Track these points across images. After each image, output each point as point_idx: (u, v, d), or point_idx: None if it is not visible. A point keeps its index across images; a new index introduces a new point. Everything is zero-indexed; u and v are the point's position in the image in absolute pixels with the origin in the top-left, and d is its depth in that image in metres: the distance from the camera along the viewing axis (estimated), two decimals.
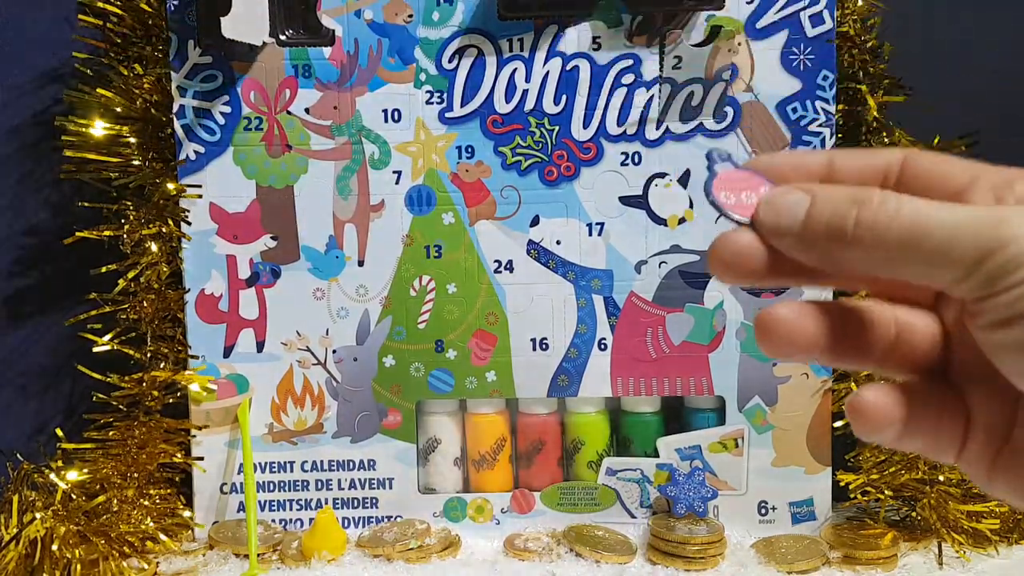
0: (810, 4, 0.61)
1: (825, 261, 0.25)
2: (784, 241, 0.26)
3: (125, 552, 0.58)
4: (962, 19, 0.68)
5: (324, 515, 0.61)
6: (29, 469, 0.59)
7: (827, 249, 0.25)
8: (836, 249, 0.25)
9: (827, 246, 0.25)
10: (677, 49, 0.62)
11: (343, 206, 0.64)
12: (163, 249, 0.63)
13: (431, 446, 0.66)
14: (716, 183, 0.28)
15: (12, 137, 0.70)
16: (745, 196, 0.27)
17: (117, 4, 0.63)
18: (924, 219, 0.24)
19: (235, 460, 0.65)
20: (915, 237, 0.24)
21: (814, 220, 0.25)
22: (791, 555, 0.60)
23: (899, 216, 0.24)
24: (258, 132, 0.63)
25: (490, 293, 0.64)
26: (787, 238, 0.26)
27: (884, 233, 0.24)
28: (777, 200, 0.26)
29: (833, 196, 0.25)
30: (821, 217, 0.25)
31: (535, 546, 0.62)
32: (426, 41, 0.62)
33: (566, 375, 0.64)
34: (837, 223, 0.25)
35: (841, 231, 0.25)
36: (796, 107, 0.62)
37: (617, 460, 0.65)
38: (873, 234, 0.24)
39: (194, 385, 0.63)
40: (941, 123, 0.64)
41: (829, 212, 0.25)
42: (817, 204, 0.25)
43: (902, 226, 0.24)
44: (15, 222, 0.70)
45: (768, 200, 0.26)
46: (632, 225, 0.63)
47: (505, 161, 0.63)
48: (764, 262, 0.26)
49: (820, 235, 0.25)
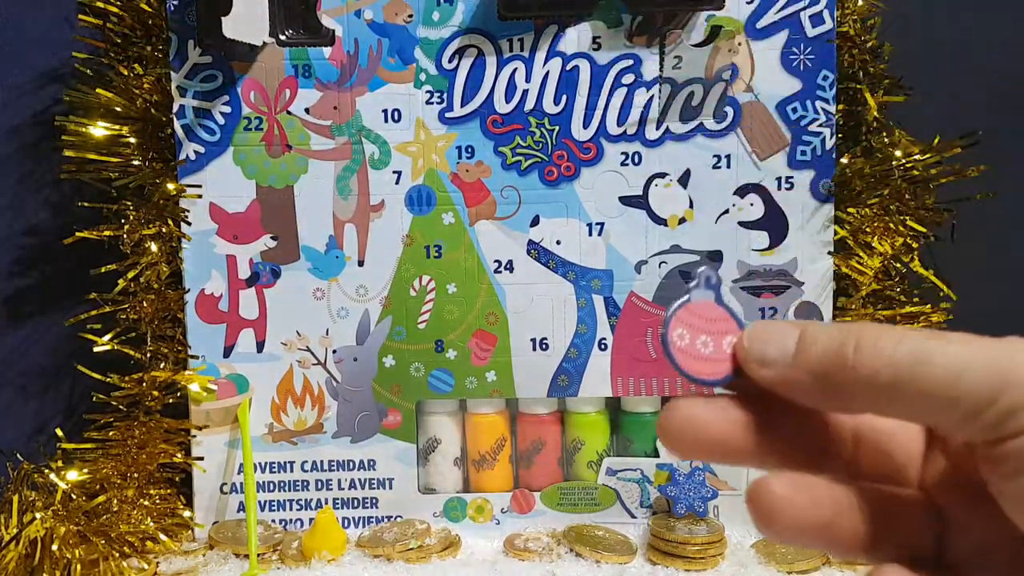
0: (810, 4, 0.61)
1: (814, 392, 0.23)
2: (770, 372, 0.24)
3: (125, 552, 0.58)
4: (962, 19, 0.68)
5: (324, 515, 0.61)
6: (29, 469, 0.59)
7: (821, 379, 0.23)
8: (831, 377, 0.23)
9: (822, 375, 0.23)
10: (677, 49, 0.62)
11: (343, 206, 0.64)
12: (163, 249, 0.63)
13: (431, 446, 0.66)
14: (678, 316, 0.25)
15: (12, 137, 0.70)
16: (702, 343, 0.25)
17: (117, 4, 0.63)
18: (929, 351, 0.22)
19: (235, 460, 0.65)
20: (919, 368, 0.22)
21: (808, 347, 0.23)
22: (791, 555, 0.60)
23: (902, 344, 0.22)
24: (258, 132, 0.63)
25: (490, 293, 0.64)
26: (775, 369, 0.24)
27: (887, 361, 0.22)
28: (765, 331, 0.24)
29: (824, 328, 0.24)
30: (815, 344, 0.23)
31: (535, 546, 0.62)
32: (426, 41, 0.62)
33: (566, 375, 0.64)
34: (835, 349, 0.23)
35: (841, 358, 0.23)
36: (796, 107, 0.62)
37: (617, 460, 0.65)
38: (877, 362, 0.22)
39: (194, 385, 0.63)
40: (941, 123, 0.64)
41: (824, 340, 0.23)
42: (808, 334, 0.24)
43: (904, 356, 0.22)
44: (15, 222, 0.70)
45: (754, 329, 0.24)
46: (632, 225, 0.63)
47: (505, 161, 0.63)
48: (722, 435, 0.24)
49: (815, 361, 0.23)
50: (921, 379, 0.22)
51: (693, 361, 0.24)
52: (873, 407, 0.23)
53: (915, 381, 0.22)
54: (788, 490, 0.24)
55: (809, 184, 0.62)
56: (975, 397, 0.21)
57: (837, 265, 0.62)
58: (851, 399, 0.23)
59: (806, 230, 0.63)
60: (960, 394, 0.21)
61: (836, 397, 0.23)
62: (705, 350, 0.25)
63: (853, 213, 0.62)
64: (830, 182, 0.62)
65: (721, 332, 0.25)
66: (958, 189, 0.62)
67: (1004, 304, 0.69)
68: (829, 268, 0.63)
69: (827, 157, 0.62)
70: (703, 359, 0.25)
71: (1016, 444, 0.21)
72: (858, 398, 0.23)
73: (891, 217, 0.62)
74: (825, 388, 0.23)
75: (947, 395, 0.21)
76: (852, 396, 0.23)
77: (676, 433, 0.25)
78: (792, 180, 0.62)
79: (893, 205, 0.62)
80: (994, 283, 0.69)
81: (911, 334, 0.23)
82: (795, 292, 0.63)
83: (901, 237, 0.61)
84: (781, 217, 0.63)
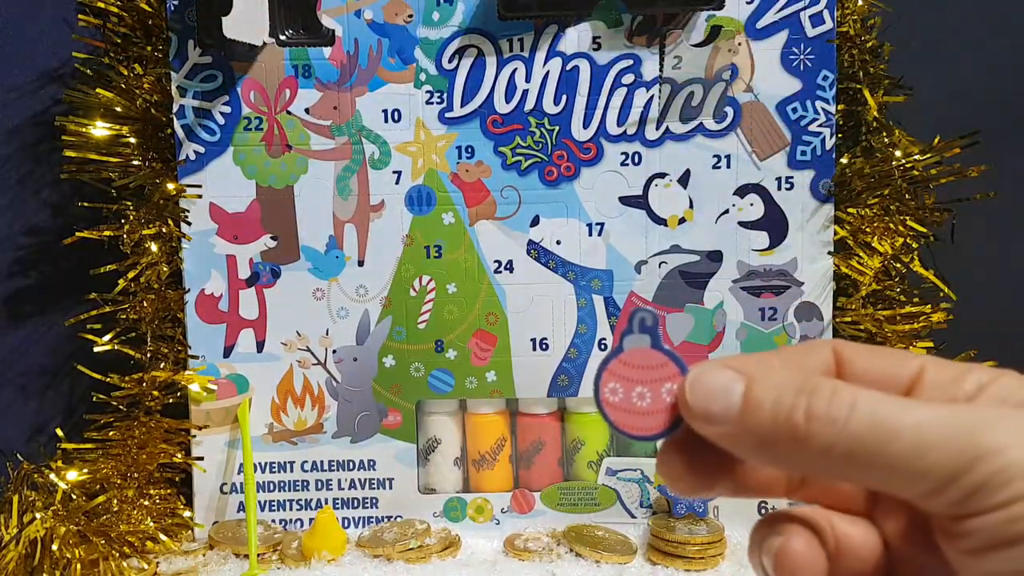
0: (810, 4, 0.61)
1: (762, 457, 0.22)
2: (717, 430, 0.22)
3: (125, 552, 0.58)
4: (962, 19, 0.68)
5: (324, 515, 0.61)
6: (29, 469, 0.59)
7: (771, 445, 0.21)
8: (782, 446, 0.21)
9: (772, 442, 0.21)
10: (677, 49, 0.62)
11: (343, 206, 0.64)
12: (163, 249, 0.63)
13: (431, 446, 0.66)
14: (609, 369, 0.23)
15: (12, 137, 0.70)
16: (637, 395, 0.23)
17: (117, 4, 0.63)
18: (887, 418, 0.20)
19: (235, 460, 0.65)
20: (879, 439, 0.20)
21: (754, 409, 0.21)
22: None
23: (856, 411, 0.20)
24: (258, 132, 0.63)
25: (490, 293, 0.64)
26: (720, 427, 0.22)
27: (841, 431, 0.20)
28: (705, 380, 0.22)
29: (773, 380, 0.21)
30: (763, 405, 0.21)
31: (535, 546, 0.62)
32: (426, 41, 0.62)
33: (566, 375, 0.64)
34: (784, 415, 0.21)
35: (791, 426, 0.21)
36: (796, 107, 0.62)
37: (617, 460, 0.65)
38: (831, 431, 0.20)
39: (194, 385, 0.63)
40: (941, 123, 0.64)
41: (772, 400, 0.21)
42: (755, 390, 0.21)
43: (861, 424, 0.20)
44: (15, 222, 0.70)
45: (694, 380, 0.22)
46: (632, 225, 0.63)
47: (505, 161, 0.63)
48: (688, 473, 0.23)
49: (763, 427, 0.21)
50: (881, 454, 0.20)
51: (628, 416, 0.23)
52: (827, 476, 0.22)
53: (874, 456, 0.20)
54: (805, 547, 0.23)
55: (809, 184, 0.62)
56: (938, 474, 0.20)
57: (837, 265, 0.62)
58: (803, 467, 0.22)
59: (806, 230, 0.63)
60: (922, 471, 0.20)
61: (786, 464, 0.22)
62: (641, 403, 0.23)
63: (853, 213, 0.62)
64: (830, 182, 0.62)
65: (659, 379, 0.23)
66: (958, 189, 0.62)
67: (1004, 304, 0.69)
68: (829, 268, 0.63)
69: (827, 157, 0.62)
70: (639, 413, 0.23)
71: (979, 522, 0.20)
72: (811, 467, 0.21)
73: (891, 217, 0.62)
74: (774, 455, 0.21)
75: (908, 471, 0.20)
76: (804, 465, 0.21)
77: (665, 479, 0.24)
78: (792, 180, 0.62)
79: (893, 205, 0.62)
80: (994, 283, 0.69)
81: (865, 397, 0.21)
82: (795, 292, 0.63)
83: (901, 237, 0.61)
84: (781, 217, 0.63)
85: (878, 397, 0.21)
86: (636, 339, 0.23)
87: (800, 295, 0.63)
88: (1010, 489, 0.19)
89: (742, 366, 0.22)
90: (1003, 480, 0.19)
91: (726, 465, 0.23)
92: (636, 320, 0.23)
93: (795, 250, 0.63)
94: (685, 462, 0.23)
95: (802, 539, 0.23)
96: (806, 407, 0.21)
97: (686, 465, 0.23)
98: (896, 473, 0.20)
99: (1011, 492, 0.19)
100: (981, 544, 0.20)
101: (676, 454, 0.23)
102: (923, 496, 0.20)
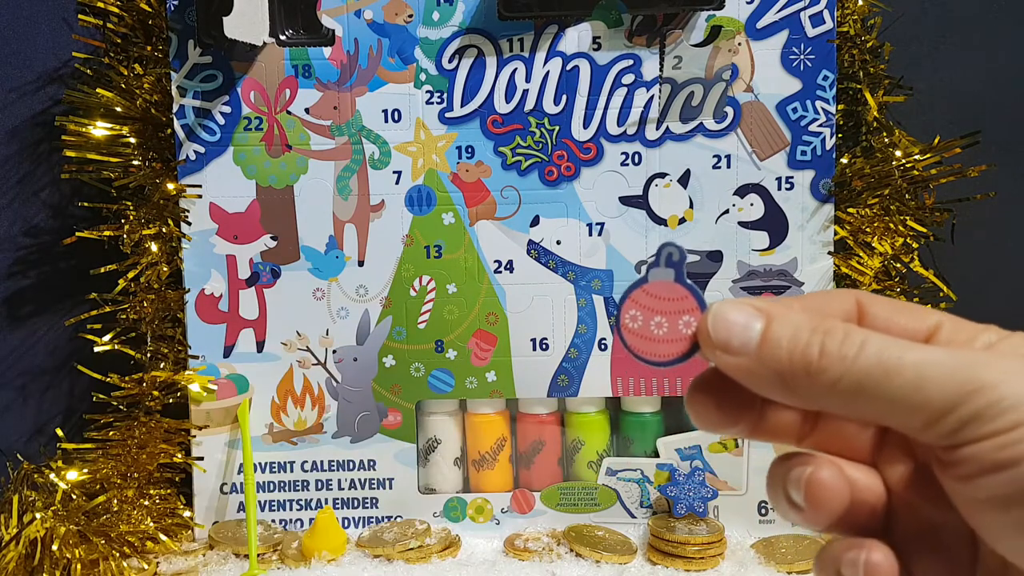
0: (810, 4, 0.61)
1: (775, 390, 0.23)
2: (734, 363, 0.23)
3: (125, 552, 0.58)
4: (962, 19, 0.68)
5: (324, 515, 0.61)
6: (29, 469, 0.59)
7: (785, 379, 0.23)
8: (795, 379, 0.23)
9: (786, 375, 0.23)
10: (677, 49, 0.62)
11: (343, 206, 0.64)
12: (163, 249, 0.63)
13: (431, 446, 0.66)
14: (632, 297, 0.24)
15: (12, 138, 0.70)
16: (655, 324, 0.24)
17: (117, 4, 0.63)
18: (891, 356, 0.22)
19: (235, 460, 0.65)
20: (884, 374, 0.22)
21: (771, 344, 0.23)
22: (791, 555, 0.60)
23: (865, 349, 0.22)
24: (258, 132, 0.63)
25: (490, 293, 0.64)
26: (738, 359, 0.23)
27: (851, 366, 0.22)
28: (727, 314, 0.23)
29: (791, 319, 0.23)
30: (780, 342, 0.23)
31: (535, 546, 0.62)
32: (426, 41, 0.62)
33: (566, 375, 0.64)
34: (800, 351, 0.23)
35: (805, 361, 0.23)
36: (796, 107, 0.62)
37: (617, 460, 0.65)
38: (840, 367, 0.22)
39: (194, 385, 0.63)
40: (941, 123, 0.64)
41: (789, 337, 0.23)
42: (774, 327, 0.23)
43: (868, 361, 0.22)
44: (15, 222, 0.70)
45: (716, 313, 0.24)
46: (632, 225, 0.63)
47: (505, 161, 0.63)
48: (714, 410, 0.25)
49: (779, 362, 0.23)
50: (885, 387, 0.22)
51: (644, 343, 0.24)
52: (834, 409, 0.23)
53: (878, 388, 0.22)
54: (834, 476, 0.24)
55: (809, 184, 0.62)
56: (935, 406, 0.22)
57: (837, 265, 0.62)
58: (813, 400, 0.23)
59: (806, 230, 0.63)
60: (921, 402, 0.22)
61: (797, 397, 0.23)
62: (659, 331, 0.24)
63: (853, 213, 0.62)
64: (830, 182, 0.62)
65: (679, 312, 0.24)
66: (958, 189, 0.62)
67: (1004, 304, 0.69)
68: (829, 268, 0.63)
69: (827, 157, 0.62)
70: (656, 340, 0.24)
71: (969, 451, 0.21)
72: (820, 400, 0.23)
73: (891, 217, 0.62)
74: (786, 388, 0.23)
75: (909, 403, 0.22)
76: (814, 398, 0.23)
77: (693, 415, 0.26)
78: (792, 180, 0.62)
79: (893, 205, 0.62)
80: (994, 283, 0.69)
81: (874, 338, 0.23)
82: (795, 292, 0.63)
83: (901, 237, 0.62)
84: (781, 217, 0.63)
85: (886, 339, 0.22)
86: (661, 272, 0.24)
87: (800, 295, 0.63)
88: (1001, 420, 0.21)
89: (763, 305, 0.24)
90: (995, 412, 0.21)
91: (746, 405, 0.25)
92: (663, 254, 0.24)
93: (795, 250, 0.63)
94: (712, 400, 0.25)
95: (830, 469, 0.24)
96: (820, 344, 0.22)
97: (713, 403, 0.25)
98: (897, 405, 0.22)
99: (1001, 422, 0.21)
100: (972, 471, 0.21)
101: (703, 393, 0.25)
102: (921, 427, 0.22)
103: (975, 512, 0.22)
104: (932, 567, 0.24)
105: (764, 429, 0.25)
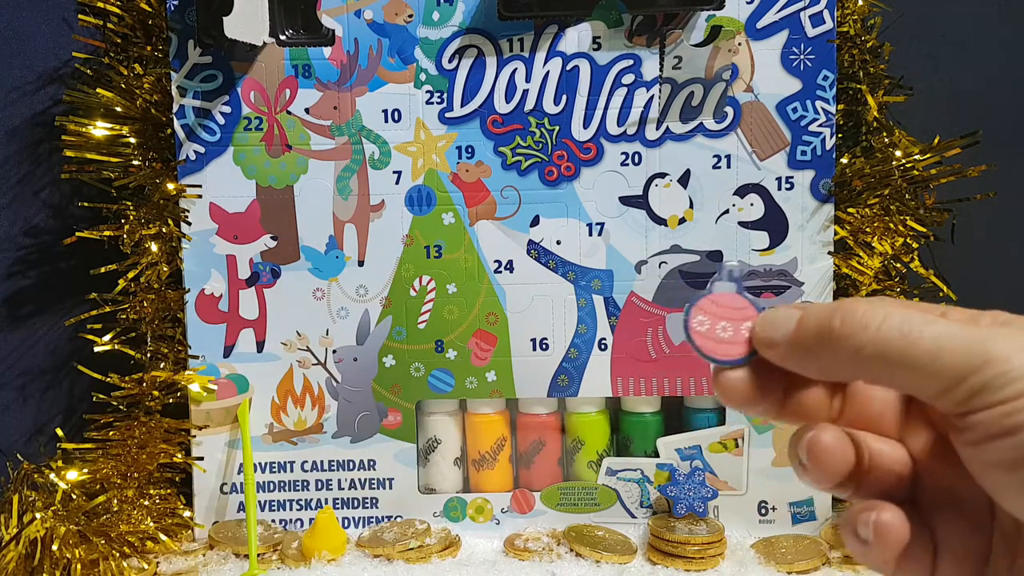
0: (810, 4, 0.61)
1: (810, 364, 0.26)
2: (776, 351, 0.27)
3: (125, 552, 0.58)
4: (962, 19, 0.68)
5: (324, 515, 0.61)
6: (29, 469, 0.59)
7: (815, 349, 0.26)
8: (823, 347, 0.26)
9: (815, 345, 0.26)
10: (677, 49, 0.62)
11: (343, 206, 0.64)
12: (163, 249, 0.63)
13: (431, 446, 0.66)
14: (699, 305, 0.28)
15: (12, 137, 0.70)
16: (721, 328, 0.28)
17: (117, 4, 0.63)
18: (913, 328, 0.24)
19: (235, 460, 0.65)
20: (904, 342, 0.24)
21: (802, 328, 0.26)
22: (791, 555, 0.60)
23: (887, 320, 0.25)
24: (258, 132, 0.63)
25: (490, 293, 0.64)
26: (779, 347, 0.27)
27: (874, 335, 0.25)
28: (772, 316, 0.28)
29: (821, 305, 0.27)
30: (810, 321, 0.26)
31: (535, 546, 0.62)
32: (426, 41, 0.62)
33: (566, 375, 0.64)
34: (824, 322, 0.26)
35: (828, 328, 0.26)
36: (796, 107, 0.62)
37: (617, 460, 0.65)
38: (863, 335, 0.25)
39: (194, 385, 0.63)
40: (941, 123, 0.64)
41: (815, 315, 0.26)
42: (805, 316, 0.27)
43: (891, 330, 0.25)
44: (15, 222, 0.71)
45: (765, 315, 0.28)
46: (632, 225, 0.63)
47: (505, 161, 0.63)
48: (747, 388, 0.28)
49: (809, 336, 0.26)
50: (905, 355, 0.24)
51: (711, 343, 0.27)
52: (858, 376, 0.26)
53: (900, 356, 0.24)
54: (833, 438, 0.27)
55: (809, 184, 0.62)
56: (950, 374, 0.24)
57: (837, 265, 0.62)
58: (839, 369, 0.26)
59: (806, 230, 0.63)
60: (937, 370, 0.24)
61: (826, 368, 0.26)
62: (724, 334, 0.28)
63: (853, 213, 0.62)
64: (830, 182, 0.62)
65: (741, 318, 0.28)
66: (958, 189, 0.62)
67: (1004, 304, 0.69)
68: (829, 268, 0.63)
69: (827, 157, 0.62)
70: (721, 342, 0.28)
71: (981, 417, 0.23)
72: (844, 368, 0.26)
73: (891, 217, 0.62)
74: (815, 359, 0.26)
75: (926, 370, 0.24)
76: (839, 366, 0.26)
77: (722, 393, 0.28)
78: (792, 180, 0.62)
79: (893, 205, 0.62)
80: (994, 283, 0.69)
81: (897, 310, 0.25)
82: (795, 292, 0.63)
83: (901, 237, 0.62)
84: (781, 217, 0.63)
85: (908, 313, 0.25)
86: (723, 285, 0.28)
87: (800, 295, 0.63)
88: (1008, 389, 0.23)
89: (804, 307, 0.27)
90: (1003, 382, 0.23)
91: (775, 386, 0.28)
92: (725, 270, 0.29)
93: (795, 250, 0.63)
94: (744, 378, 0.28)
95: (831, 432, 0.27)
96: (841, 315, 0.25)
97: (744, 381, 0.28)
98: (916, 373, 0.24)
99: (1008, 391, 0.23)
100: (981, 436, 0.24)
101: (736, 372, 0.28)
102: (936, 395, 0.24)
103: (985, 474, 0.24)
104: (954, 527, 0.26)
105: (793, 411, 0.28)
